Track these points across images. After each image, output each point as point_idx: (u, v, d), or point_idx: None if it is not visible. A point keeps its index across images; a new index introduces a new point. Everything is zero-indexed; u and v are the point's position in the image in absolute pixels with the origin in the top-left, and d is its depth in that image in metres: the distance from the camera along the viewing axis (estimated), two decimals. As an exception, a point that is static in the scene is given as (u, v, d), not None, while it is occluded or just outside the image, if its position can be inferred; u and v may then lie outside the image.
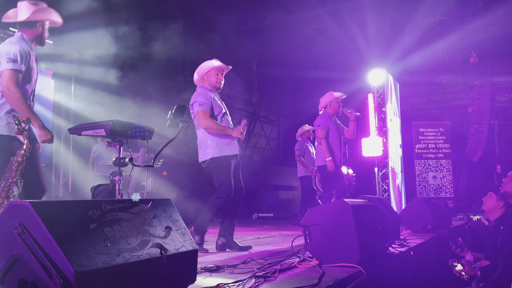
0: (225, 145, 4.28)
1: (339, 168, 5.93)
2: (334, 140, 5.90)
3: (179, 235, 2.16)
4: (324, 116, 6.04)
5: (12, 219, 1.65)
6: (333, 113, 6.06)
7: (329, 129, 5.89)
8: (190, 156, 10.06)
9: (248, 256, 3.70)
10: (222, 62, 4.49)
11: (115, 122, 3.10)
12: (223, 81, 4.48)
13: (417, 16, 12.13)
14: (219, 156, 4.25)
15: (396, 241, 4.64)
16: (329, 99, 6.08)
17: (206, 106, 4.25)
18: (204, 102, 4.26)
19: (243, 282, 2.62)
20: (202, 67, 4.48)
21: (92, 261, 1.63)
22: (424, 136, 11.40)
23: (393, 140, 9.23)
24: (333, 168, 5.70)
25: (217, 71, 4.44)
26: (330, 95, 6.11)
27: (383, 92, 9.05)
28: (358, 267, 3.02)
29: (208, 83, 4.44)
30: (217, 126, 4.24)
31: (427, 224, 6.04)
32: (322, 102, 6.20)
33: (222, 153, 4.26)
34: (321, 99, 6.24)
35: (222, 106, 4.43)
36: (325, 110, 6.14)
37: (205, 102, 4.26)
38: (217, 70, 4.45)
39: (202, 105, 4.24)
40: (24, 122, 2.77)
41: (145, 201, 2.12)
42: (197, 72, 4.50)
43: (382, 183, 8.76)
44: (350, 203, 3.29)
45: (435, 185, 11.21)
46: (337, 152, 5.88)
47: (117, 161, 3.24)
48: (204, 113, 4.23)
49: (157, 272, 1.93)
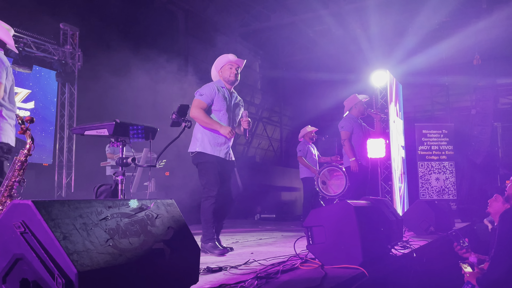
0: (212, 145, 4.23)
1: (366, 168, 6.25)
2: (359, 141, 6.22)
3: (181, 235, 2.15)
4: (348, 118, 6.35)
5: (15, 218, 1.65)
6: (358, 115, 6.39)
7: (353, 131, 6.22)
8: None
9: (250, 257, 3.69)
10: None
11: (118, 122, 3.10)
12: (238, 75, 4.46)
13: (420, 17, 12.12)
14: (203, 152, 4.21)
15: (399, 243, 4.62)
16: (354, 102, 6.40)
17: (205, 98, 4.22)
18: (205, 94, 4.24)
19: (245, 283, 2.61)
20: (217, 62, 4.48)
21: (94, 261, 1.63)
22: (427, 138, 11.37)
23: (396, 141, 9.21)
24: (356, 168, 6.02)
25: (230, 65, 4.43)
26: (355, 98, 6.43)
27: (386, 94, 9.03)
28: (361, 269, 3.01)
29: (222, 77, 4.45)
30: (204, 118, 4.19)
31: (430, 226, 6.02)
32: (347, 105, 6.50)
33: (206, 150, 4.21)
34: (345, 102, 6.54)
35: (226, 103, 4.39)
36: (349, 113, 6.43)
37: (206, 94, 4.24)
38: (231, 64, 4.44)
39: (202, 96, 4.23)
40: (28, 121, 2.77)
41: (148, 201, 2.11)
42: (214, 67, 4.52)
43: (385, 184, 8.74)
44: (353, 205, 3.28)
45: (438, 187, 11.18)
46: (364, 152, 6.23)
47: (119, 161, 3.24)
48: (198, 102, 4.21)
49: (159, 273, 1.92)
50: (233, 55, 4.46)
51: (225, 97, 4.36)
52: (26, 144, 2.84)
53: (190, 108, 4.16)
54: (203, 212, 4.18)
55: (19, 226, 1.62)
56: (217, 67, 4.49)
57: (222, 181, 4.23)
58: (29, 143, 2.84)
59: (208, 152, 4.22)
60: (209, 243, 4.14)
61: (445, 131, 11.44)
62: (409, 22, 12.60)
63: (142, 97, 9.50)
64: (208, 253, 4.08)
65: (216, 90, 4.31)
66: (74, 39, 10.12)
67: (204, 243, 4.14)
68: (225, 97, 4.36)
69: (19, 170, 2.79)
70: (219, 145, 4.26)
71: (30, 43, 9.15)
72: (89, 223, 1.75)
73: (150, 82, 9.62)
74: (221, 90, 4.35)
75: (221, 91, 4.34)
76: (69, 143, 10.10)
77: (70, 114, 10.15)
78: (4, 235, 1.68)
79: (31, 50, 9.18)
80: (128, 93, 9.19)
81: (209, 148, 4.23)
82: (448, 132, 11.45)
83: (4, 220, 1.69)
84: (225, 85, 4.43)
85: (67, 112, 10.08)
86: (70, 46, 10.01)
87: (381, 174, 8.91)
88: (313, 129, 8.52)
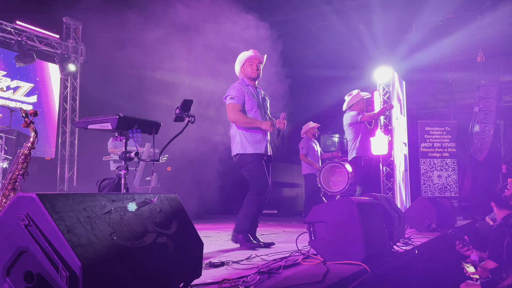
0: (251, 143, 4.28)
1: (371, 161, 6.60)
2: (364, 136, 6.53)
3: (184, 229, 2.16)
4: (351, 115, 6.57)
5: (19, 211, 1.65)
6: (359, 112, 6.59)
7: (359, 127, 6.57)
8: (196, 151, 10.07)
9: (252, 253, 3.69)
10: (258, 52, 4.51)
11: (122, 116, 3.10)
12: (260, 71, 4.49)
13: (424, 14, 12.07)
14: (245, 153, 4.26)
15: (401, 240, 4.63)
16: (357, 98, 6.64)
17: (237, 100, 4.26)
18: (236, 96, 4.27)
19: (247, 278, 2.62)
20: (239, 58, 4.51)
21: (98, 254, 1.63)
22: (430, 135, 11.35)
23: (399, 138, 9.19)
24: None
25: (251, 61, 4.45)
26: (358, 95, 6.68)
27: (389, 90, 9.01)
28: (363, 265, 3.01)
29: (244, 75, 4.46)
30: (244, 119, 4.25)
31: (432, 223, 6.02)
32: (349, 100, 6.71)
33: (247, 150, 4.26)
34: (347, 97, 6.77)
35: (256, 100, 4.40)
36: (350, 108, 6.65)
37: (237, 96, 4.27)
38: (251, 60, 4.46)
39: (233, 99, 4.25)
40: (31, 115, 2.77)
41: (152, 195, 2.12)
42: (237, 62, 4.53)
43: (387, 181, 8.73)
44: (355, 201, 3.28)
45: (440, 184, 11.16)
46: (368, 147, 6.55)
47: (122, 155, 3.24)
48: (234, 106, 4.24)
49: (162, 266, 1.93)
50: (253, 50, 4.46)
51: (253, 95, 4.38)
52: (30, 137, 2.84)
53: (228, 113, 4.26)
54: (248, 205, 4.24)
55: (23, 218, 1.62)
56: (240, 63, 4.50)
57: (267, 176, 4.31)
58: (33, 136, 2.85)
59: (250, 151, 4.26)
60: (241, 235, 4.19)
61: (447, 128, 11.42)
62: (413, 19, 12.55)
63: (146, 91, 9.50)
64: (239, 244, 4.13)
65: (244, 89, 4.33)
66: (77, 33, 10.12)
67: (237, 233, 4.19)
68: (253, 94, 4.38)
69: (22, 163, 2.79)
70: (258, 142, 4.32)
71: (33, 36, 9.15)
72: (93, 216, 1.75)
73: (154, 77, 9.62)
74: (247, 89, 4.37)
75: (248, 90, 4.36)
76: (72, 137, 10.11)
77: (72, 108, 10.16)
78: (8, 227, 1.68)
79: (34, 43, 9.17)
80: (132, 88, 9.19)
81: (250, 148, 4.27)
82: (451, 129, 11.43)
83: (9, 212, 1.70)
84: (249, 82, 4.44)
85: (69, 106, 10.09)
86: (73, 40, 10.00)
87: (383, 171, 8.90)
88: (315, 125, 8.51)
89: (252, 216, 4.23)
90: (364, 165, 6.32)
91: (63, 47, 9.76)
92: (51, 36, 9.56)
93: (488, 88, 12.69)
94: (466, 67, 13.60)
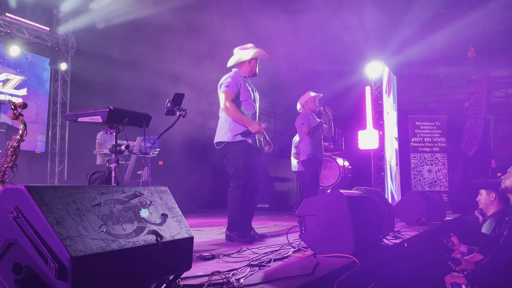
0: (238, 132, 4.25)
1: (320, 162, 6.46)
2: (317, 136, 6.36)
3: (175, 222, 2.16)
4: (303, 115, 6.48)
5: (8, 203, 1.64)
6: (310, 112, 6.50)
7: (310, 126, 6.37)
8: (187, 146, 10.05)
9: (243, 246, 3.71)
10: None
11: (112, 109, 3.09)
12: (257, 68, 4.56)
13: (415, 9, 12.09)
14: (234, 141, 4.22)
15: (391, 233, 4.67)
16: (305, 99, 6.53)
17: (232, 89, 4.23)
18: (231, 85, 4.24)
19: (238, 270, 2.63)
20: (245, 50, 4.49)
21: (87, 246, 1.63)
22: (420, 130, 11.43)
23: (390, 133, 9.24)
24: None
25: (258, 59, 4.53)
26: (307, 95, 6.55)
27: (381, 85, 9.04)
28: (353, 258, 3.04)
29: (246, 68, 4.48)
30: (236, 113, 4.20)
31: (422, 217, 6.08)
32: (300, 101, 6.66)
33: (235, 138, 4.22)
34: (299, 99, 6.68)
35: (251, 93, 4.41)
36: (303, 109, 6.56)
37: (231, 85, 4.24)
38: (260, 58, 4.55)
39: (228, 87, 4.23)
40: (20, 107, 2.75)
41: (142, 188, 2.11)
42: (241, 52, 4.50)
43: (378, 175, 8.78)
44: (345, 194, 3.30)
45: (430, 179, 11.26)
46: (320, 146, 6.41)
47: (113, 148, 3.23)
48: (228, 94, 4.21)
49: (152, 259, 1.93)
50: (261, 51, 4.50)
51: (248, 87, 4.39)
52: (19, 129, 2.82)
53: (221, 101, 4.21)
54: (230, 202, 4.18)
55: (12, 211, 1.61)
56: (245, 55, 4.46)
57: (249, 168, 4.23)
58: (22, 128, 2.83)
59: (235, 140, 4.22)
60: (234, 231, 4.15)
61: (438, 123, 11.50)
62: (404, 13, 12.56)
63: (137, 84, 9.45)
64: (235, 241, 4.11)
65: (241, 80, 4.32)
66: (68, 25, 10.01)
67: (230, 232, 4.17)
68: (248, 87, 4.39)
69: (11, 156, 2.77)
70: (248, 133, 4.29)
71: (23, 28, 9.05)
72: (83, 208, 1.74)
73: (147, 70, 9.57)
74: (245, 80, 4.38)
75: (244, 81, 4.37)
76: (62, 130, 10.04)
77: (63, 101, 10.07)
78: (-3, 220, 1.67)
79: (24, 35, 9.07)
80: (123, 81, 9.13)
81: (238, 136, 4.23)
82: (441, 124, 11.51)
83: (-3, 205, 1.68)
84: (246, 75, 4.46)
85: (60, 99, 10.00)
86: (63, 33, 9.90)
87: (374, 165, 8.95)
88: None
89: (240, 212, 4.17)
90: (315, 166, 6.25)
91: (53, 39, 9.66)
92: (41, 29, 9.46)
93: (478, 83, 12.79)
94: (457, 62, 13.67)
